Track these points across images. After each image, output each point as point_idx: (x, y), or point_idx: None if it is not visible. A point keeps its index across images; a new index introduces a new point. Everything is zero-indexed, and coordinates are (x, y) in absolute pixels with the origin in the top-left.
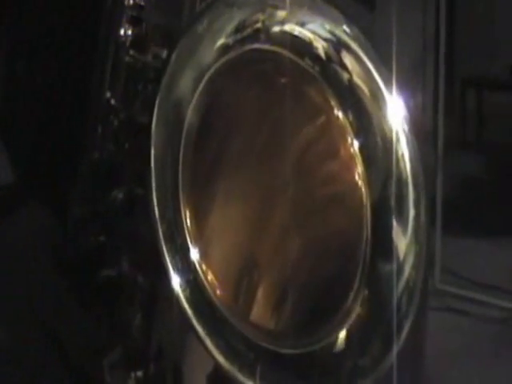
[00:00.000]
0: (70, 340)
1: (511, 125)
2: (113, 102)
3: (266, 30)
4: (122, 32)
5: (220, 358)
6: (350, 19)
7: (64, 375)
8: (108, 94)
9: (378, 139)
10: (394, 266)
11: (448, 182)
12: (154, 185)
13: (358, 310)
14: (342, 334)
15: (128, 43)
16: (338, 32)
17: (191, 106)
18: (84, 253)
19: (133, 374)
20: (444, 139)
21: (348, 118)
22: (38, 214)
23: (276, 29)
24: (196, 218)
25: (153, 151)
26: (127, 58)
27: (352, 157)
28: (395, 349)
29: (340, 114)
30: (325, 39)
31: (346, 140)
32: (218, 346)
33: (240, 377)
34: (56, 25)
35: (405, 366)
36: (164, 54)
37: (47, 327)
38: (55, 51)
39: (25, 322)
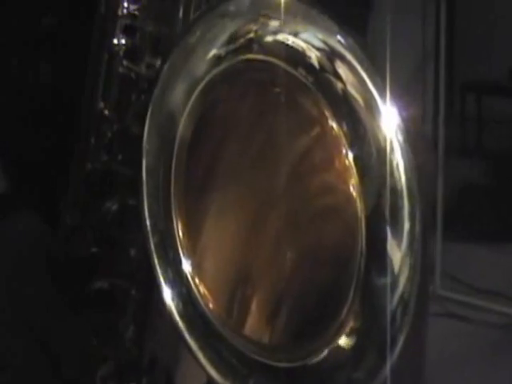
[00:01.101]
0: (62, 352)
1: (511, 130)
2: (106, 112)
3: (259, 40)
4: (115, 42)
5: (213, 372)
6: (345, 29)
7: None
8: (101, 105)
9: (373, 150)
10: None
11: (448, 187)
12: (145, 197)
13: (352, 322)
14: (336, 347)
15: (121, 53)
16: (332, 42)
17: (184, 117)
18: (76, 263)
19: None
20: (444, 145)
21: (342, 129)
22: (31, 224)
23: (269, 39)
24: (188, 229)
25: (144, 162)
26: (120, 68)
27: (346, 168)
28: (388, 361)
29: (334, 125)
30: (318, 49)
31: (341, 151)
32: (210, 360)
33: None
34: (49, 34)
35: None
36: (157, 64)
37: (39, 339)
38: (48, 61)
39: (15, 333)
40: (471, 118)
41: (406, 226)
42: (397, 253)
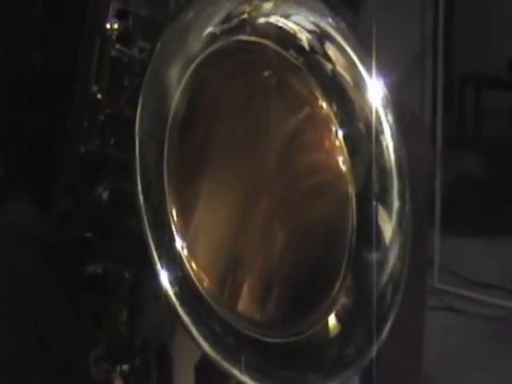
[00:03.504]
0: (54, 335)
1: (510, 122)
2: (99, 96)
3: (252, 21)
4: (108, 26)
5: (206, 346)
6: (335, 11)
7: (49, 370)
8: (94, 89)
9: (363, 129)
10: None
11: (447, 180)
12: (139, 180)
13: (343, 299)
14: (327, 324)
15: (114, 37)
16: (323, 24)
17: (177, 95)
18: (68, 248)
19: (118, 368)
20: (443, 137)
21: (332, 108)
22: (23, 208)
23: (261, 20)
24: (182, 211)
25: (137, 140)
26: (113, 52)
27: (336, 146)
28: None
29: (324, 104)
30: (309, 31)
31: (331, 130)
32: (203, 335)
33: (225, 365)
34: (41, 18)
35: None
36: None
37: (31, 322)
38: (40, 45)
39: (7, 317)
40: (470, 111)
41: (396, 204)
42: (387, 230)
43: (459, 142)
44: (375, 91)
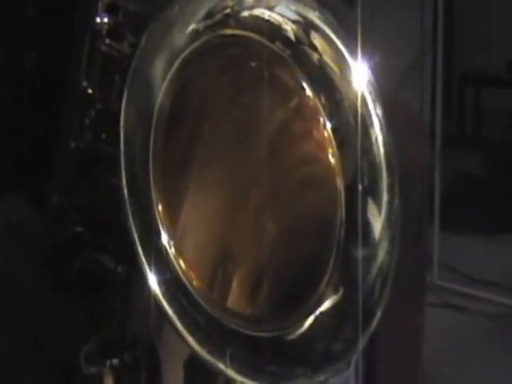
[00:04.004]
0: (49, 331)
1: (510, 121)
2: (90, 91)
3: (236, 15)
4: (98, 20)
5: (191, 341)
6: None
7: (43, 366)
8: (85, 83)
9: (351, 121)
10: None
11: (446, 178)
12: (124, 175)
13: (331, 294)
14: (315, 318)
15: (104, 32)
16: (306, 13)
17: (162, 91)
18: (62, 243)
19: (108, 362)
20: (442, 136)
21: (320, 100)
22: (15, 204)
23: (245, 14)
24: (169, 208)
25: (122, 135)
26: (103, 47)
27: (325, 138)
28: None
29: (312, 95)
30: (293, 21)
31: (319, 121)
32: (189, 330)
33: (211, 359)
34: (31, 12)
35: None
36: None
37: (25, 320)
38: (31, 39)
39: (1, 314)
40: (469, 110)
41: (385, 198)
42: (376, 224)
43: (458, 140)
44: (360, 75)
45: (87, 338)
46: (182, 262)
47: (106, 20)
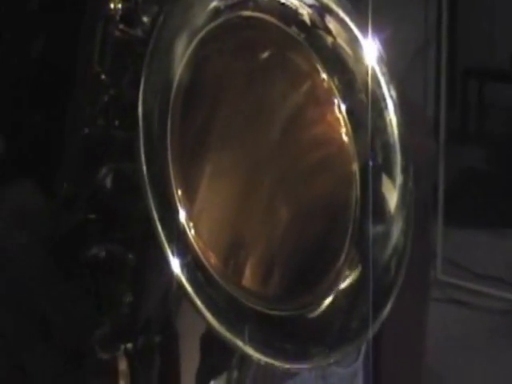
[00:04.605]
0: (60, 317)
1: None
2: (102, 76)
3: None
4: (111, 6)
5: (209, 317)
6: None
7: (54, 352)
8: (97, 69)
9: (365, 101)
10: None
11: (450, 173)
12: (143, 158)
13: (348, 272)
14: (333, 297)
15: (118, 17)
16: None
17: (179, 71)
18: (72, 230)
19: (122, 346)
20: (446, 130)
21: (334, 82)
22: (26, 191)
23: None
24: (187, 189)
25: (141, 118)
26: (117, 32)
27: (339, 120)
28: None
29: (326, 78)
30: (309, 5)
31: (333, 104)
32: (207, 306)
33: (229, 335)
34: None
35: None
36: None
37: (34, 304)
38: (43, 25)
39: (11, 299)
40: (473, 104)
41: (399, 178)
42: (391, 202)
43: (462, 135)
44: (371, 51)
45: (100, 324)
46: (200, 242)
47: (119, 5)
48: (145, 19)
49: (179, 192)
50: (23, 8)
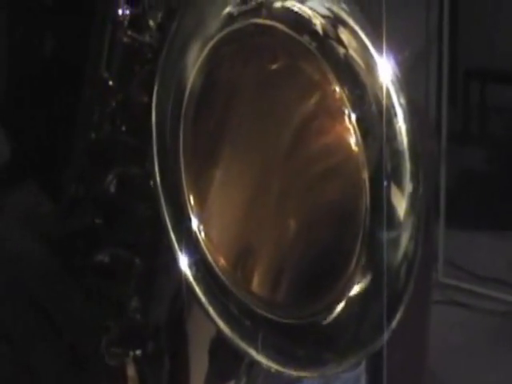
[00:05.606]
0: (67, 322)
1: None
2: (110, 82)
3: (268, 5)
4: (119, 12)
5: (222, 325)
6: None
7: (61, 357)
8: (105, 74)
9: (375, 111)
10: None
11: (451, 174)
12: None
13: (359, 279)
14: (344, 304)
15: (126, 23)
16: (336, 9)
17: (192, 78)
18: (79, 234)
19: (131, 353)
20: (447, 132)
21: (344, 92)
22: (33, 196)
23: (278, 4)
24: (198, 193)
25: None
26: (125, 38)
27: (349, 129)
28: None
29: (337, 88)
30: (323, 16)
31: (343, 113)
32: (219, 314)
33: (241, 344)
34: (52, 4)
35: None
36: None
37: (43, 310)
38: (52, 30)
39: (19, 305)
40: (474, 106)
41: (409, 186)
42: (400, 209)
43: (464, 136)
44: (385, 70)
45: (107, 329)
46: (211, 248)
47: (127, 11)
48: (152, 25)
49: (191, 199)
50: (31, 11)
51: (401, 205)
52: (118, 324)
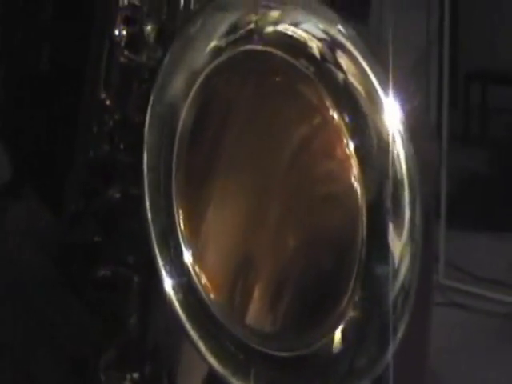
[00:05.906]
0: (66, 336)
1: None
2: (107, 102)
3: (260, 30)
4: (116, 32)
5: (213, 361)
6: (346, 19)
7: (60, 370)
8: (103, 94)
9: (374, 139)
10: (389, 268)
11: (452, 176)
12: (146, 189)
13: (352, 311)
14: (337, 336)
15: (123, 43)
16: (333, 32)
17: (185, 108)
18: (79, 251)
19: (128, 376)
20: (448, 134)
21: (343, 119)
22: (33, 212)
23: (269, 29)
24: (190, 220)
25: (145, 154)
26: (122, 59)
27: (347, 157)
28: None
29: (335, 115)
30: (319, 39)
31: (342, 141)
32: (211, 349)
33: (234, 381)
34: (50, 24)
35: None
36: (158, 53)
37: (43, 324)
38: (49, 50)
39: (19, 318)
40: (475, 107)
41: (407, 214)
42: (397, 241)
43: (465, 138)
44: (388, 101)
45: (106, 348)
46: (202, 276)
47: (124, 32)
48: (149, 47)
49: (181, 221)
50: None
51: (398, 238)
52: (116, 343)
